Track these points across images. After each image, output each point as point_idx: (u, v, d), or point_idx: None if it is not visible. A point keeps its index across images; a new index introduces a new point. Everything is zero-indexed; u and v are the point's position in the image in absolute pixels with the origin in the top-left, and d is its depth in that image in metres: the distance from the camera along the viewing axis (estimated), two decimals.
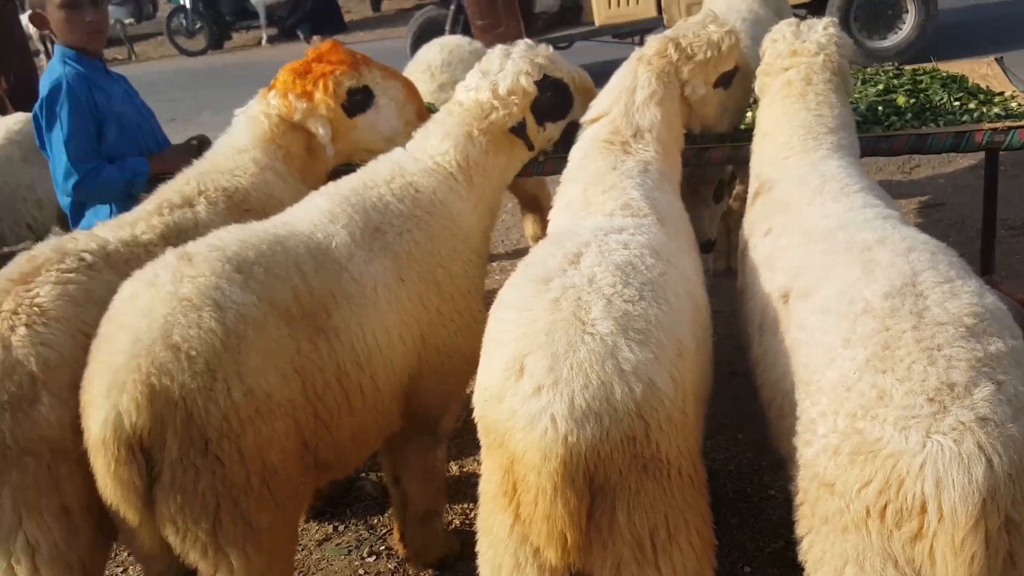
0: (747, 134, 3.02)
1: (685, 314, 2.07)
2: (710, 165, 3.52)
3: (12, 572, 2.20)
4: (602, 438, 1.78)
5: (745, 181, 4.95)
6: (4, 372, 2.19)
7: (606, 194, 2.47)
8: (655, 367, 1.85)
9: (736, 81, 2.96)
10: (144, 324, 2.12)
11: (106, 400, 2.08)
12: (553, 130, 3.02)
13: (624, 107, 2.73)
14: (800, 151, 2.60)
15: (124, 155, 3.44)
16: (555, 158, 3.17)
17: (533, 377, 1.83)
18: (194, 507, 2.13)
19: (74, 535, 2.25)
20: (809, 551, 1.86)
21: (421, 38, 8.77)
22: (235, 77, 14.26)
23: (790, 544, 1.98)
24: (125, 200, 3.41)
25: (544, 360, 1.83)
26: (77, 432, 2.20)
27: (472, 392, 2.06)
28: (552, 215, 2.62)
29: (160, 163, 3.45)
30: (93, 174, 3.34)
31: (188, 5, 18.11)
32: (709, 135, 3.18)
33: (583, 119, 2.85)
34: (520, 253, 5.77)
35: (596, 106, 2.83)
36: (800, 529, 1.91)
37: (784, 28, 2.88)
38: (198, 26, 18.46)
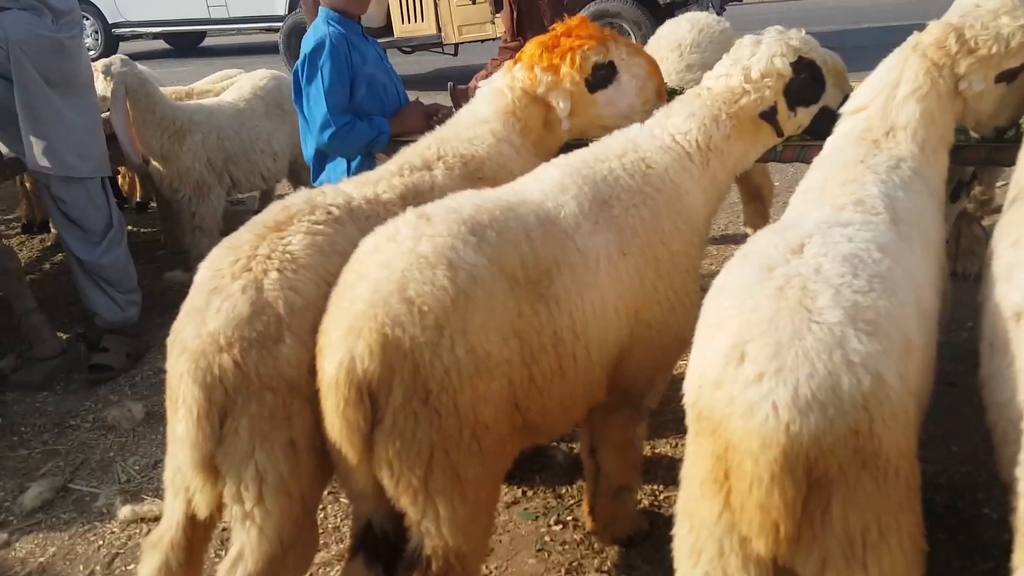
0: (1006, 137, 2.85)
1: (912, 312, 1.99)
2: (965, 164, 3.31)
3: (239, 497, 2.35)
4: (825, 429, 1.74)
5: (984, 182, 4.69)
6: (255, 311, 2.34)
7: (843, 187, 2.38)
8: (883, 360, 1.79)
9: (1022, 78, 2.73)
10: (383, 276, 2.24)
11: (342, 344, 2.21)
12: (804, 116, 2.93)
13: (883, 103, 2.61)
14: None
15: (370, 114, 3.65)
16: (793, 145, 3.09)
17: (755, 364, 1.80)
18: (410, 453, 2.23)
19: (298, 468, 2.38)
20: None
21: (291, 37, 10.95)
22: None
23: (1000, 566, 1.89)
24: (365, 158, 3.64)
25: (767, 347, 1.80)
26: (312, 372, 2.34)
27: (677, 373, 2.05)
28: (791, 200, 2.57)
29: (400, 124, 3.64)
30: (347, 128, 3.56)
31: None
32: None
33: (843, 109, 2.75)
34: (726, 239, 5.69)
35: (858, 97, 2.72)
36: (1017, 559, 1.82)
37: None
38: None
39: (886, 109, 2.60)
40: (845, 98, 2.93)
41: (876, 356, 1.78)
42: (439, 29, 11.00)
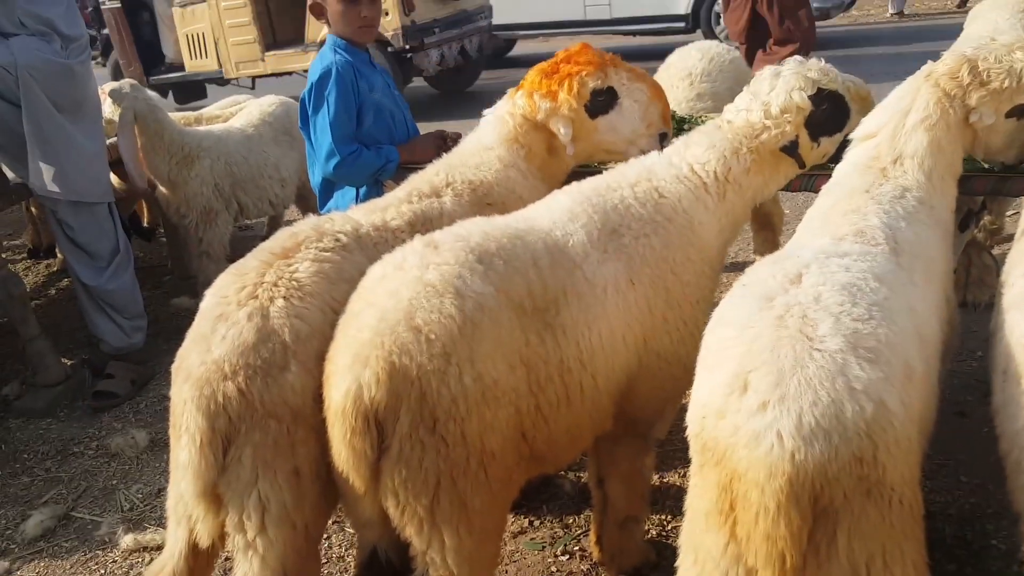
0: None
1: (911, 340, 1.99)
2: (971, 194, 3.29)
3: (242, 527, 2.33)
4: (831, 457, 1.73)
5: (993, 211, 4.69)
6: (260, 339, 2.33)
7: (845, 216, 2.39)
8: (886, 387, 1.79)
9: None
10: (391, 304, 2.23)
11: (349, 372, 2.20)
12: (828, 145, 2.90)
13: (892, 130, 2.61)
14: None
15: (378, 142, 3.66)
16: (825, 175, 3.10)
17: (758, 393, 1.80)
18: (416, 482, 2.21)
19: (302, 497, 2.37)
20: None
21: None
22: None
23: None
24: (372, 185, 3.64)
25: (770, 376, 1.80)
26: (316, 400, 2.33)
27: (684, 404, 2.05)
28: (798, 228, 2.57)
29: (409, 153, 3.64)
30: (353, 157, 3.55)
31: None
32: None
33: (854, 135, 2.74)
34: (736, 267, 5.67)
35: (867, 124, 2.72)
36: None
37: None
38: None
39: (895, 137, 2.59)
40: None
41: (878, 383, 1.79)
42: (220, 65, 11.88)
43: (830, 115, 2.85)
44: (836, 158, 2.83)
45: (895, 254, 2.25)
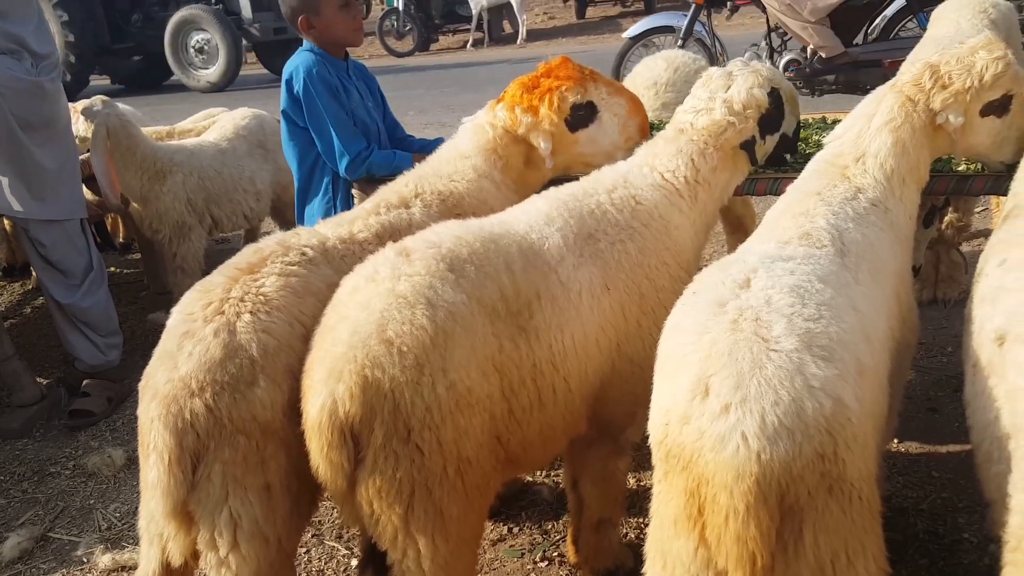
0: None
1: (859, 337, 2.03)
2: (934, 195, 3.37)
3: (214, 544, 2.33)
4: (795, 455, 1.76)
5: (960, 209, 4.74)
6: (227, 355, 2.32)
7: (794, 219, 2.43)
8: (841, 384, 1.83)
9: (1016, 107, 2.73)
10: (363, 317, 2.25)
11: (324, 387, 2.22)
12: (770, 143, 3.01)
13: (857, 132, 2.66)
14: None
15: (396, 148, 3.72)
16: (766, 178, 3.16)
17: (720, 396, 1.83)
18: (390, 492, 2.23)
19: (273, 512, 2.36)
20: None
21: None
22: (441, 79, 14.83)
23: None
24: (345, 196, 3.66)
25: (730, 379, 1.83)
26: (285, 415, 2.35)
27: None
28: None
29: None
30: (362, 157, 3.63)
31: (400, 7, 18.94)
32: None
33: (825, 140, 2.80)
34: None
35: (837, 129, 2.77)
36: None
37: None
38: (408, 28, 19.27)
39: (859, 137, 2.64)
40: (798, 125, 3.07)
41: (834, 380, 1.83)
42: None
43: (775, 113, 2.95)
44: (784, 160, 2.97)
45: (840, 255, 2.29)
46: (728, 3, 8.62)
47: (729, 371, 1.84)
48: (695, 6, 8.52)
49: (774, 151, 3.05)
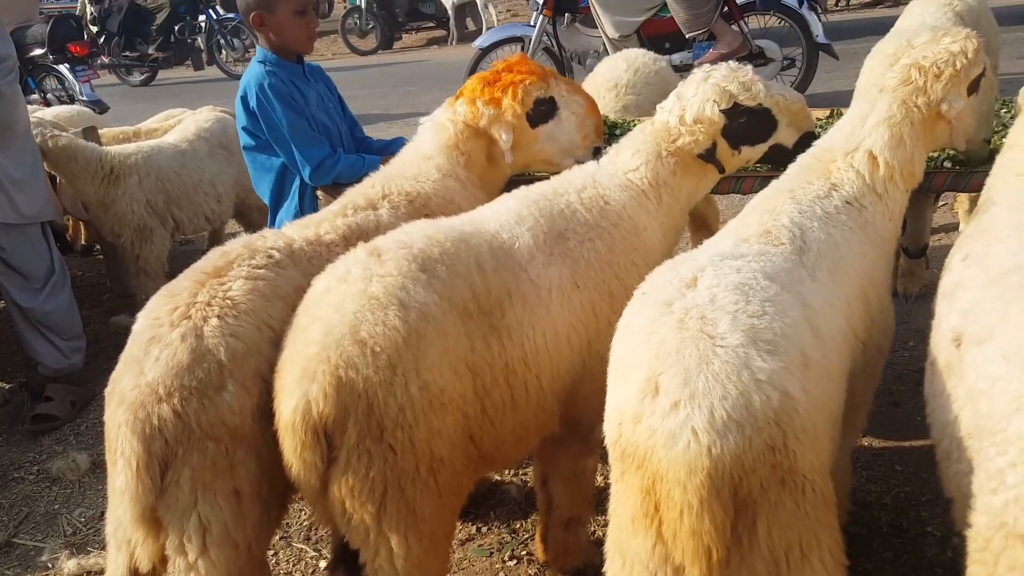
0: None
1: (805, 331, 2.06)
2: (931, 192, 3.40)
3: (183, 549, 2.31)
4: (745, 448, 1.80)
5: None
6: (195, 359, 2.31)
7: (758, 216, 2.45)
8: (787, 376, 1.87)
9: (983, 82, 2.75)
10: (336, 318, 2.25)
11: (297, 388, 2.22)
12: (751, 153, 2.95)
13: (850, 129, 2.64)
14: None
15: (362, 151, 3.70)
16: (752, 176, 3.17)
17: (669, 394, 1.86)
18: (363, 491, 2.24)
19: (242, 518, 2.36)
20: None
21: None
22: (403, 77, 14.77)
23: None
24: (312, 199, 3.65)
25: (678, 376, 1.86)
26: (254, 419, 2.34)
27: None
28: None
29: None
30: (330, 164, 3.62)
31: (363, 5, 18.80)
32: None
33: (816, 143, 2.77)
34: None
35: (831, 131, 2.75)
36: (973, 574, 1.85)
37: None
38: (371, 26, 19.14)
39: (852, 135, 2.62)
40: (804, 134, 2.95)
41: (780, 373, 1.86)
42: None
43: (752, 127, 2.89)
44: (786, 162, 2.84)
45: (798, 253, 2.31)
46: (570, 14, 8.98)
47: (677, 369, 1.87)
48: (543, 17, 8.79)
49: (769, 157, 2.99)
